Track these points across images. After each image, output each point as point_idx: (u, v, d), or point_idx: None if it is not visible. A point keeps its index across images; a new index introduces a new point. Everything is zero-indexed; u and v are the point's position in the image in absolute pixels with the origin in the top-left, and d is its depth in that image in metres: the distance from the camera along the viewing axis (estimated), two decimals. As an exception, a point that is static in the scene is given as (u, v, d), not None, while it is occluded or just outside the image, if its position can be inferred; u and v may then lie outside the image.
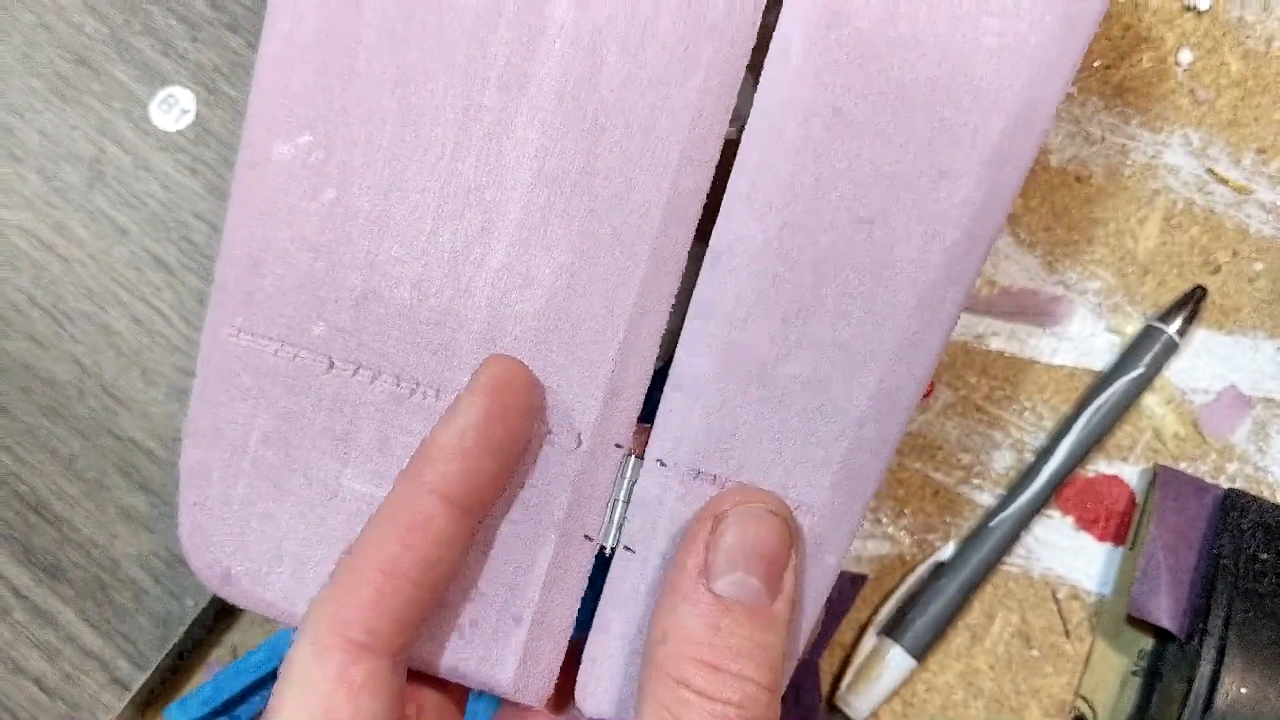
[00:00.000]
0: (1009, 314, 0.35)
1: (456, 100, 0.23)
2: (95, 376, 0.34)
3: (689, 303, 0.24)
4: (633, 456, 0.24)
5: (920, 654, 0.33)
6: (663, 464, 0.23)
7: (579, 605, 0.24)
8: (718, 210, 0.23)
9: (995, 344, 0.35)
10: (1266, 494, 0.34)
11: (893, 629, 0.33)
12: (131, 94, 0.35)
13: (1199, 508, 0.33)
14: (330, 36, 0.23)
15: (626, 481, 0.24)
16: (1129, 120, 0.36)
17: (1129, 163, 0.36)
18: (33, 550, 0.33)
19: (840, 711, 0.33)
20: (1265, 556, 0.31)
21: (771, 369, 0.23)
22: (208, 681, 0.32)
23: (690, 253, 0.24)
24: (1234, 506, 0.32)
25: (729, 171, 0.23)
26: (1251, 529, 0.32)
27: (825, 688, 0.33)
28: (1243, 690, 0.30)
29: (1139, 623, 0.33)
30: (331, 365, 0.23)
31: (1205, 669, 0.30)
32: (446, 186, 0.23)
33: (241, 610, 0.34)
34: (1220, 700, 0.30)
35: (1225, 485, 0.33)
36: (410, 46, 0.23)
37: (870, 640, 0.33)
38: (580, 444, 0.23)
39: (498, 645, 0.23)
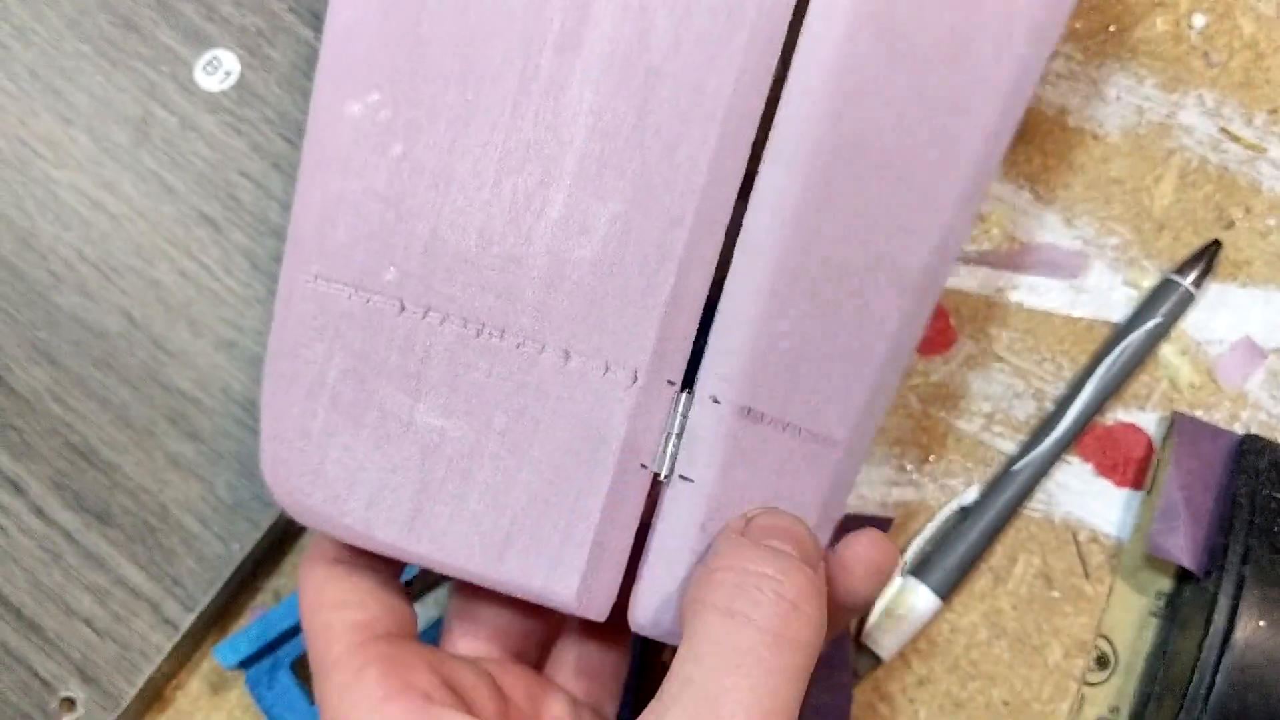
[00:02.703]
0: (1029, 268, 0.36)
1: (515, 61, 0.24)
2: (144, 329, 0.35)
3: (735, 246, 0.25)
4: (685, 392, 0.25)
5: (945, 594, 0.34)
6: (716, 400, 0.24)
7: (636, 527, 0.25)
8: (759, 162, 0.24)
9: (1015, 297, 0.36)
10: (1280, 440, 0.35)
11: (919, 570, 0.34)
12: (177, 56, 0.37)
13: (1215, 452, 0.34)
14: (395, 2, 0.24)
15: (679, 415, 0.25)
16: (1144, 81, 0.37)
17: (1144, 122, 0.37)
18: (83, 496, 0.34)
19: (867, 649, 0.34)
20: (1278, 494, 0.32)
21: (811, 310, 0.24)
22: (254, 622, 0.33)
23: (737, 201, 0.25)
24: (1250, 450, 0.33)
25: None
26: (1267, 470, 0.33)
27: (853, 627, 0.34)
28: (1261, 623, 0.31)
29: (1158, 563, 0.34)
30: (403, 308, 0.25)
31: (1224, 603, 0.31)
32: (507, 142, 0.24)
33: (284, 556, 0.35)
34: (1239, 634, 0.31)
35: (1240, 431, 0.34)
36: (470, 11, 0.24)
37: (897, 581, 0.34)
38: (636, 380, 0.25)
39: (562, 564, 0.25)
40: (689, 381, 0.25)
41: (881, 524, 0.34)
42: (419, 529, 0.25)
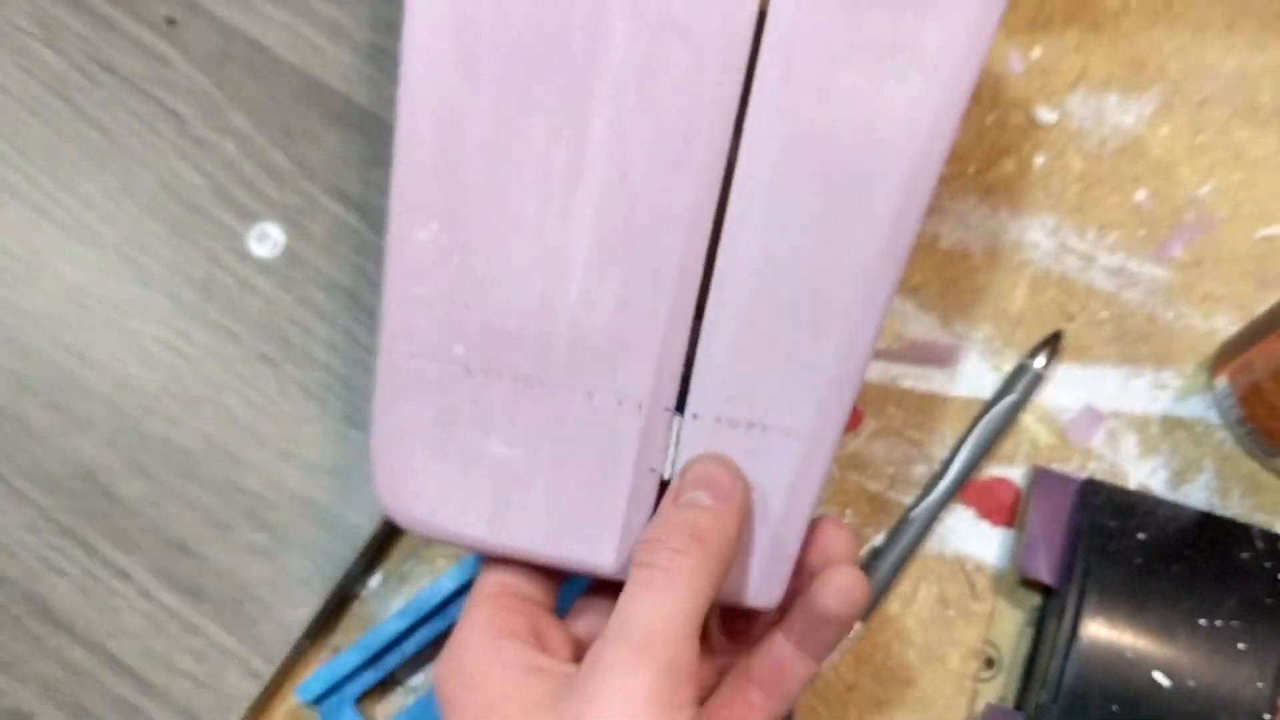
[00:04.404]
0: (916, 360, 0.46)
1: (535, 193, 0.33)
2: (219, 446, 0.44)
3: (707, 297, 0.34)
4: (677, 414, 0.34)
5: (866, 617, 0.43)
6: (696, 416, 0.34)
7: (651, 514, 0.34)
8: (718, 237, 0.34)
9: (907, 383, 0.46)
10: (1118, 482, 0.44)
11: (842, 602, 0.43)
12: (233, 231, 0.46)
13: (1065, 495, 0.43)
14: (444, 157, 0.33)
15: (674, 431, 0.34)
16: (998, 210, 0.48)
17: (1000, 242, 0.47)
18: (180, 579, 0.43)
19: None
20: (1112, 524, 0.42)
21: (770, 341, 0.34)
22: (324, 666, 0.41)
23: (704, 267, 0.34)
24: (1090, 491, 0.43)
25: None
26: (1103, 506, 0.42)
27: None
28: (1099, 619, 0.40)
29: (1028, 584, 0.43)
30: (469, 372, 0.34)
31: (1071, 608, 0.40)
32: (534, 250, 0.34)
33: (340, 618, 0.44)
34: (1082, 630, 0.40)
35: (1083, 476, 0.44)
36: (500, 160, 0.33)
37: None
38: (641, 409, 0.34)
39: (602, 544, 0.34)
40: (681, 404, 0.34)
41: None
42: (496, 528, 0.34)
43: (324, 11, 0.48)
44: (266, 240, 0.46)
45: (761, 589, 0.34)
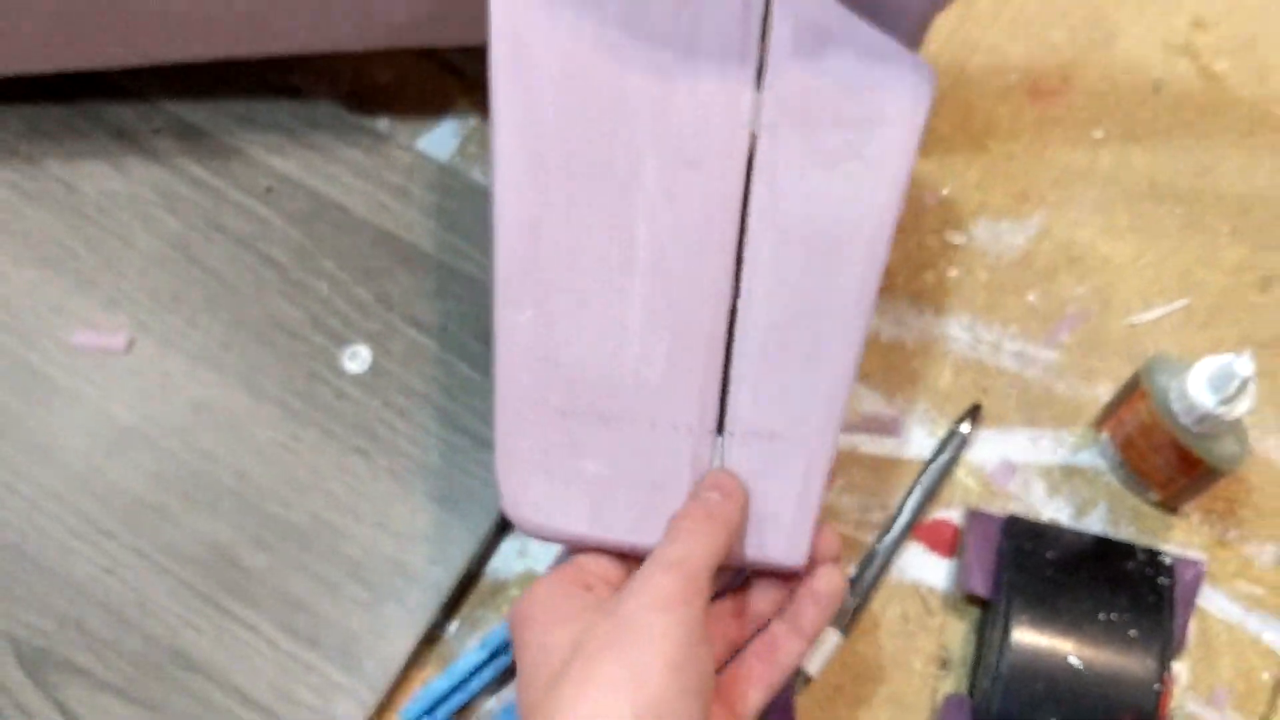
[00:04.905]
0: (870, 430, 0.59)
1: (599, 281, 0.46)
2: (325, 522, 0.55)
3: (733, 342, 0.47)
4: (718, 434, 0.46)
5: (846, 632, 0.54)
6: (731, 434, 0.46)
7: None
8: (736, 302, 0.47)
9: (865, 449, 0.58)
10: (1032, 516, 0.57)
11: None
12: (329, 351, 0.58)
13: (993, 529, 0.55)
14: (531, 259, 0.46)
15: (719, 448, 0.46)
16: (924, 312, 0.61)
17: (928, 336, 0.60)
18: (298, 630, 0.53)
19: (802, 672, 0.54)
20: (1029, 548, 0.54)
21: (780, 374, 0.46)
22: (420, 691, 0.52)
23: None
24: (1011, 524, 0.55)
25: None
26: (1021, 535, 0.54)
27: (790, 660, 0.54)
28: (1024, 620, 0.52)
29: (970, 599, 0.55)
30: (563, 415, 0.46)
31: (1002, 614, 0.52)
32: (602, 324, 0.46)
33: (429, 654, 0.54)
34: (1013, 630, 0.52)
35: (1006, 514, 0.56)
36: (575, 255, 0.46)
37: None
38: (691, 432, 0.46)
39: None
40: (720, 426, 0.46)
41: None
42: (593, 526, 0.45)
43: (391, 179, 0.61)
44: (357, 358, 0.58)
45: (791, 550, 0.46)
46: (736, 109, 0.47)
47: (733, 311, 0.47)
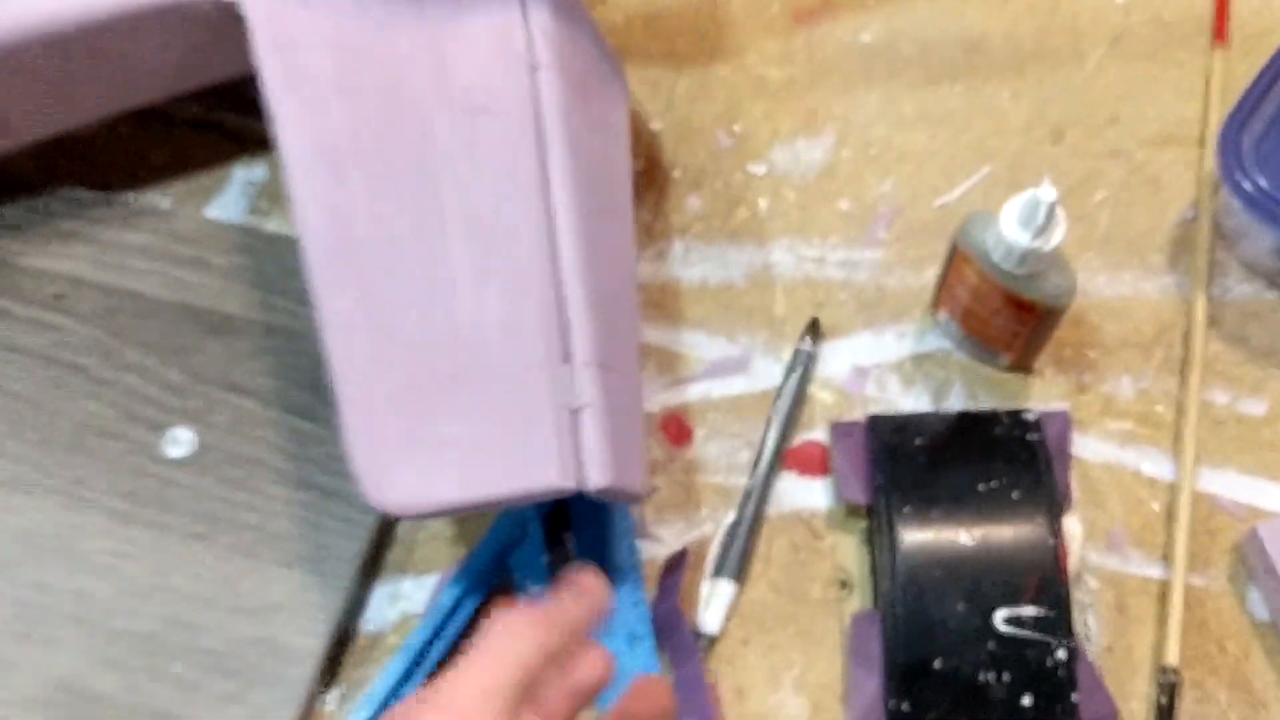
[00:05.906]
0: (718, 374, 0.57)
1: (420, 244, 0.46)
2: (175, 620, 0.52)
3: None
4: (568, 363, 0.45)
5: (738, 578, 0.52)
6: (580, 364, 0.45)
7: (572, 438, 0.45)
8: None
9: (717, 394, 0.57)
10: (892, 412, 0.55)
11: (718, 570, 0.53)
12: (147, 442, 0.55)
13: (858, 434, 0.54)
14: (338, 241, 0.45)
15: (572, 376, 0.45)
16: (745, 246, 0.60)
17: (754, 269, 0.59)
18: None
19: (703, 634, 0.52)
20: (897, 441, 0.53)
21: (603, 308, 0.47)
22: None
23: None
24: (874, 423, 0.54)
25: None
26: (886, 430, 0.53)
27: (691, 622, 0.52)
28: (906, 512, 0.50)
29: (852, 510, 0.54)
30: (409, 383, 0.45)
31: (884, 512, 0.51)
32: (431, 284, 0.45)
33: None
34: (898, 526, 0.50)
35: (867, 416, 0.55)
36: (386, 232, 0.45)
37: (707, 584, 0.53)
38: (541, 366, 0.45)
39: (545, 468, 0.44)
40: (566, 357, 0.45)
41: (681, 554, 0.53)
42: (465, 488, 0.43)
43: (184, 253, 0.59)
44: (179, 442, 0.55)
45: (641, 478, 0.46)
46: (511, 45, 0.48)
47: (553, 248, 0.46)
